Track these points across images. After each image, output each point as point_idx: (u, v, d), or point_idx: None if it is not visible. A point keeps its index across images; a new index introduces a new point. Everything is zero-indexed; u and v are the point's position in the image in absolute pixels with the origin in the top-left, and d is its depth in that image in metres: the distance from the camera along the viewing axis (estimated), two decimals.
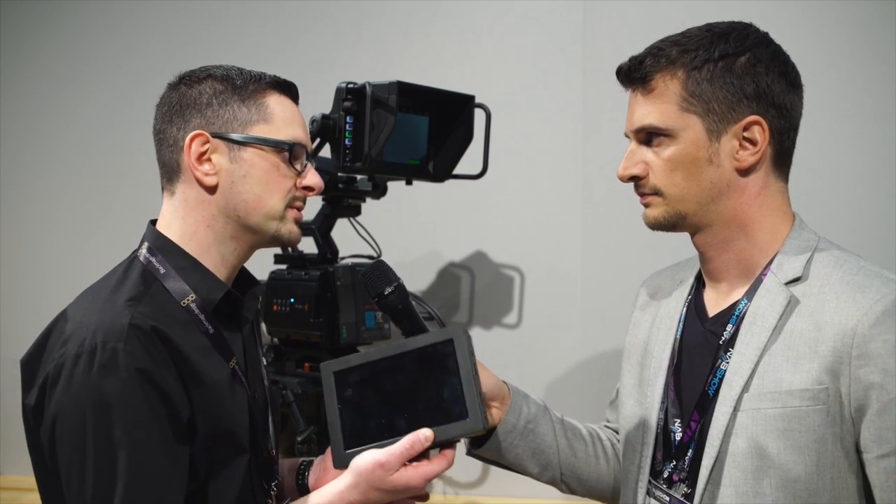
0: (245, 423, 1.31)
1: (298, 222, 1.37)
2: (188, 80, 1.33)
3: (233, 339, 1.35)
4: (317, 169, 1.39)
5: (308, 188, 1.36)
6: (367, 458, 1.21)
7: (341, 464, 1.25)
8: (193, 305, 1.30)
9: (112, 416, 1.16)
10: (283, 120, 1.32)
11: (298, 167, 1.33)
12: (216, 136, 1.29)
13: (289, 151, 1.32)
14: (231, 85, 1.31)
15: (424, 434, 1.20)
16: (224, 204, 1.31)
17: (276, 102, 1.33)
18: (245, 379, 1.35)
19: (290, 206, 1.34)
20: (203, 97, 1.31)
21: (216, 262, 1.34)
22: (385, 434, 1.22)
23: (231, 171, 1.30)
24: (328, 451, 1.37)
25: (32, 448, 1.26)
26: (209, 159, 1.30)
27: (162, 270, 1.30)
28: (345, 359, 1.30)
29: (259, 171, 1.30)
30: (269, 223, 1.33)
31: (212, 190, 1.31)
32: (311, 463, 1.51)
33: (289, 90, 1.36)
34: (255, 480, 1.34)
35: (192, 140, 1.29)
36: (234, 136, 1.30)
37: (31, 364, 1.25)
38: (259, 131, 1.31)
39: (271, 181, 1.31)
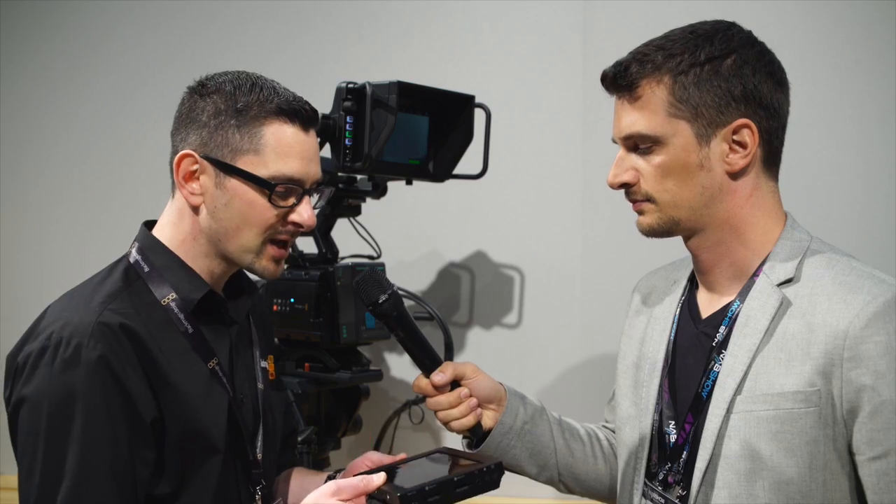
0: (222, 424, 1.31)
1: (279, 260, 1.34)
2: (201, 89, 1.31)
3: (217, 340, 1.35)
4: (329, 188, 1.38)
5: (295, 224, 1.32)
6: (330, 483, 1.23)
7: None
8: (173, 304, 1.30)
9: (67, 412, 1.17)
10: (276, 153, 1.28)
11: (286, 204, 1.30)
12: (206, 157, 1.28)
13: (270, 190, 1.28)
14: (232, 106, 1.28)
15: (379, 477, 1.23)
16: (207, 225, 1.31)
17: (275, 132, 1.28)
18: (228, 380, 1.34)
19: (270, 240, 1.31)
20: (204, 115, 1.29)
21: (202, 270, 1.34)
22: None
23: (215, 196, 1.29)
24: (352, 463, 1.43)
25: (11, 440, 1.27)
26: (197, 179, 1.29)
27: (146, 269, 1.31)
28: (464, 451, 1.40)
29: (240, 203, 1.28)
30: (243, 255, 1.31)
31: (196, 210, 1.31)
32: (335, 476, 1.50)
33: (296, 116, 1.30)
34: (240, 484, 1.34)
35: (180, 159, 1.29)
36: (222, 163, 1.28)
37: (11, 359, 1.27)
38: (247, 163, 1.28)
39: (250, 215, 1.29)
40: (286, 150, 1.29)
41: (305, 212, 1.32)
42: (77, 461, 1.17)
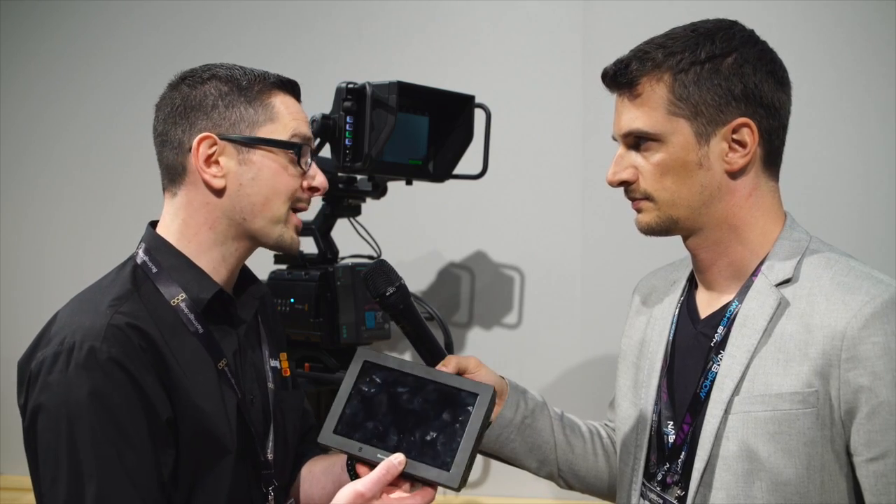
0: (233, 425, 1.30)
1: (299, 229, 1.37)
2: (191, 80, 1.32)
3: (225, 340, 1.35)
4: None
5: (314, 189, 1.36)
6: (347, 491, 1.17)
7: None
8: (183, 305, 1.29)
9: (86, 415, 1.17)
10: (289, 117, 1.33)
11: (305, 166, 1.34)
12: (224, 138, 1.29)
13: (296, 151, 1.32)
14: (236, 86, 1.31)
15: (398, 459, 1.19)
16: (230, 206, 1.31)
17: (280, 102, 1.33)
18: (236, 381, 1.34)
19: (293, 208, 1.34)
20: (208, 99, 1.30)
21: (216, 262, 1.33)
22: (373, 440, 1.23)
23: (239, 174, 1.30)
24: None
25: (25, 448, 1.26)
26: (217, 161, 1.30)
27: (154, 270, 1.31)
28: (382, 355, 1.31)
29: (268, 173, 1.31)
30: (273, 228, 1.33)
31: (219, 192, 1.31)
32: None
33: (292, 89, 1.37)
34: (251, 484, 1.34)
35: (199, 142, 1.29)
36: (243, 137, 1.30)
37: (23, 365, 1.26)
38: (266, 132, 1.31)
39: (279, 183, 1.31)
40: (295, 114, 1.35)
41: (321, 175, 1.37)
42: (102, 464, 1.16)
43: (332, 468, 1.49)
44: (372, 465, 1.21)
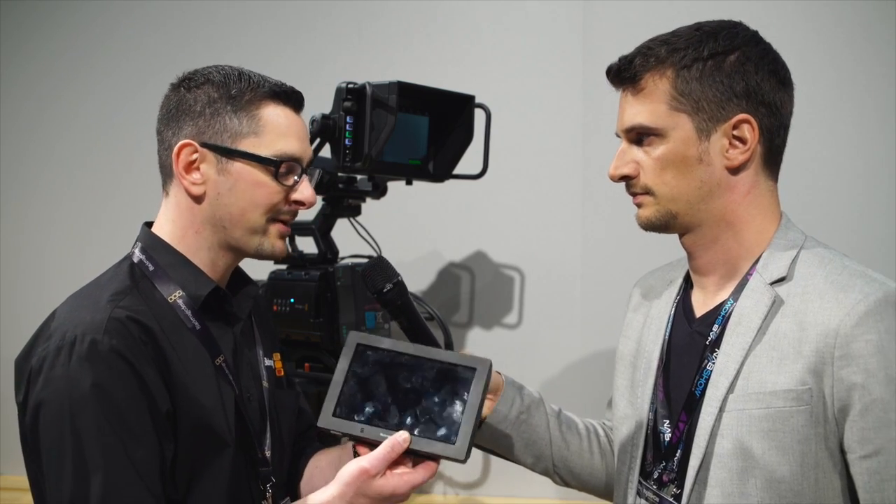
0: (231, 422, 1.31)
1: (285, 236, 1.36)
2: (188, 83, 1.32)
3: (222, 337, 1.35)
4: (317, 169, 1.39)
5: (298, 203, 1.34)
6: (352, 467, 1.19)
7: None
8: (180, 301, 1.30)
9: (90, 407, 1.17)
10: (276, 133, 1.30)
11: (289, 182, 1.31)
12: (205, 146, 1.29)
13: (276, 168, 1.30)
14: (226, 93, 1.29)
15: (402, 436, 1.20)
16: (210, 214, 1.31)
17: (270, 113, 1.31)
18: (234, 377, 1.34)
19: (274, 220, 1.33)
20: (197, 105, 1.30)
21: (205, 265, 1.34)
22: (374, 420, 1.23)
23: (218, 183, 1.29)
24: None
25: (23, 445, 1.26)
26: (197, 168, 1.29)
27: (151, 268, 1.31)
28: (375, 337, 1.31)
29: (245, 185, 1.29)
30: (250, 239, 1.32)
31: (198, 199, 1.31)
32: None
33: (289, 99, 1.33)
34: (251, 482, 1.34)
35: (180, 149, 1.29)
36: (223, 148, 1.29)
37: (22, 363, 1.26)
38: (248, 145, 1.29)
39: (257, 196, 1.30)
40: (284, 129, 1.31)
41: (307, 189, 1.34)
42: (107, 455, 1.16)
43: (339, 461, 1.49)
44: (373, 445, 1.21)
